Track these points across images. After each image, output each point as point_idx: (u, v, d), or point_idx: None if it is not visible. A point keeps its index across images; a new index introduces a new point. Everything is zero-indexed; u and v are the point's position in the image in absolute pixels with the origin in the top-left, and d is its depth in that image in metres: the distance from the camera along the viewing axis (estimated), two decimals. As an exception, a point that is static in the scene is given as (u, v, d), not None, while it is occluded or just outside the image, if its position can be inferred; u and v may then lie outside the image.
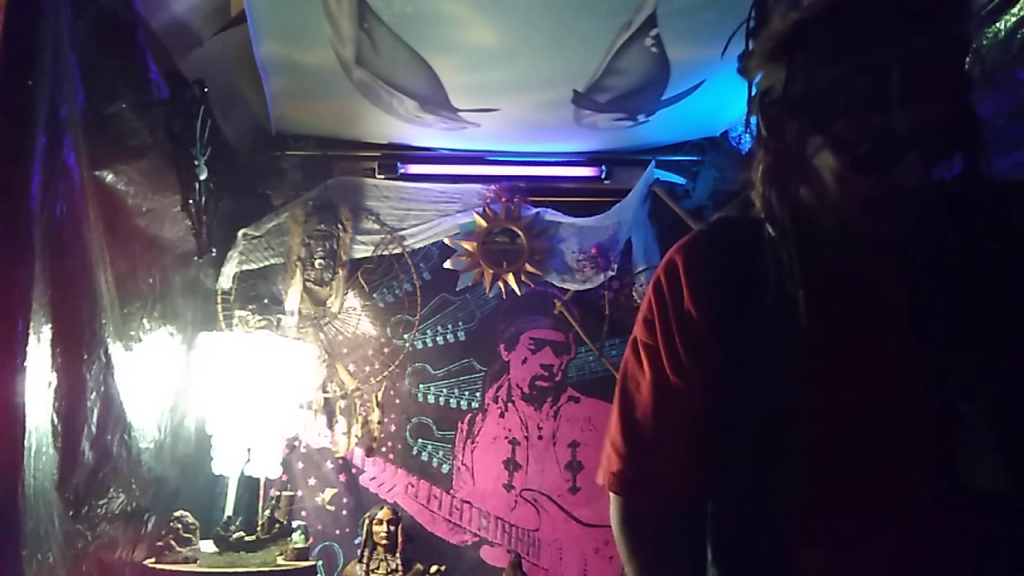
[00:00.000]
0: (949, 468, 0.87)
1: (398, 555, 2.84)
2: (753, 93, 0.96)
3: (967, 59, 0.85)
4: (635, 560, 1.06)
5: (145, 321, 2.28)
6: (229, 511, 2.51)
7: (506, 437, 3.20)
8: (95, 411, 1.93)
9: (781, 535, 0.94)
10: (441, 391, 3.23)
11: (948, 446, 0.88)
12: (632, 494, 1.07)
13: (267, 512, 2.54)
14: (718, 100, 2.72)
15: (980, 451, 0.86)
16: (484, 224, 3.19)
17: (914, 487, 0.90)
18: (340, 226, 3.16)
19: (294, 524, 2.63)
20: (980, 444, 0.86)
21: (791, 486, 0.93)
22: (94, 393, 1.92)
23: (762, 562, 0.97)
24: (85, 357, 1.87)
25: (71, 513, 1.83)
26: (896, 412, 0.91)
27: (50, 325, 1.62)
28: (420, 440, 3.18)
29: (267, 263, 3.14)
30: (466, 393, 3.23)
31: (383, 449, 3.14)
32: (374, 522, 2.87)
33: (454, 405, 3.22)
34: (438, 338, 3.27)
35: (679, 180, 3.21)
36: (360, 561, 2.83)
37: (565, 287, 3.19)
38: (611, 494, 1.09)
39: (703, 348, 1.00)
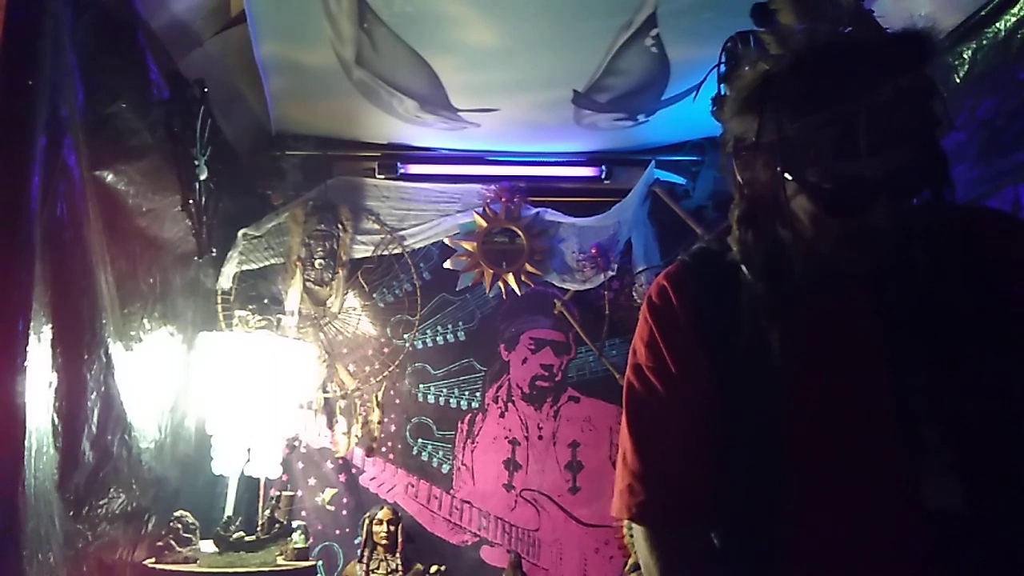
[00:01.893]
0: (913, 488, 0.92)
1: (398, 555, 2.84)
2: (727, 138, 1.00)
3: (933, 101, 0.89)
4: None
5: (145, 321, 2.28)
6: (229, 511, 2.51)
7: (506, 437, 3.20)
8: (95, 411, 1.93)
9: (768, 557, 0.97)
10: (441, 391, 3.23)
11: (912, 467, 0.92)
12: (663, 520, 1.05)
13: (267, 512, 2.54)
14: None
15: (939, 472, 0.91)
16: (484, 224, 3.19)
17: (885, 507, 0.94)
18: (340, 226, 3.16)
19: (294, 524, 2.63)
20: (939, 465, 0.91)
21: (776, 508, 0.96)
22: (94, 393, 1.92)
23: None
24: (85, 357, 1.87)
25: (71, 513, 1.83)
26: (867, 434, 0.95)
27: (50, 325, 1.62)
28: (420, 440, 3.18)
29: (267, 263, 3.14)
30: (466, 393, 3.23)
31: (383, 449, 3.14)
32: (374, 522, 2.87)
33: (454, 405, 3.22)
34: (438, 338, 3.27)
35: (679, 180, 3.21)
36: (360, 561, 2.83)
37: (565, 287, 3.19)
38: (638, 526, 1.07)
39: (700, 366, 1.03)
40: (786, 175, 0.93)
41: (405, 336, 3.21)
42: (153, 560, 2.29)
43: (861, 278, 0.98)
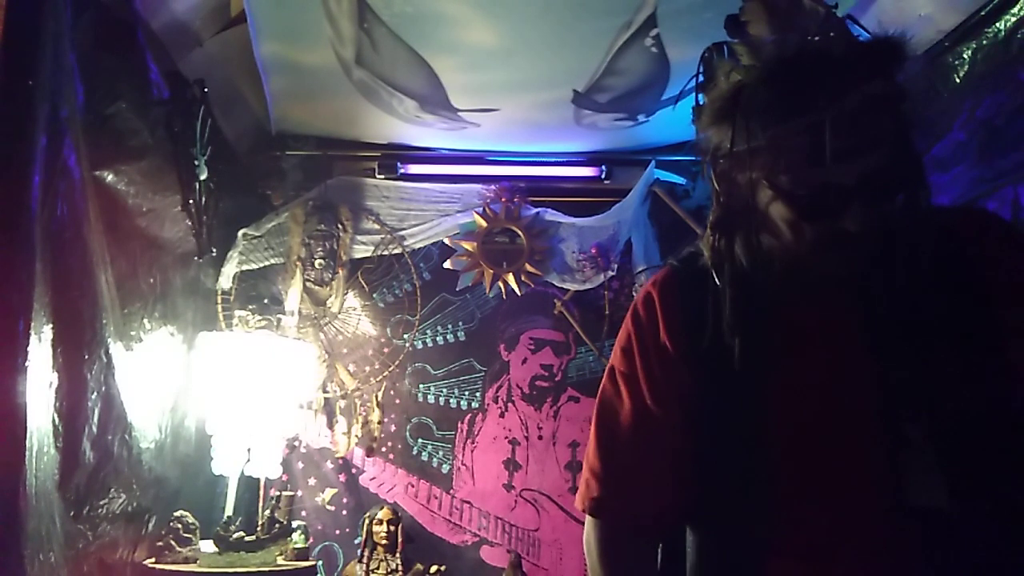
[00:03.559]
0: (898, 487, 0.93)
1: (398, 555, 2.84)
2: (705, 147, 1.02)
3: (905, 106, 0.91)
4: None
5: (145, 321, 2.28)
6: (229, 511, 2.51)
7: (506, 437, 3.19)
8: (96, 411, 1.93)
9: (753, 554, 0.99)
10: (441, 391, 3.23)
11: (896, 466, 0.94)
12: (610, 517, 1.11)
13: (267, 512, 2.54)
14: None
15: (924, 470, 0.92)
16: (484, 224, 3.19)
17: (870, 504, 0.95)
18: (340, 226, 3.16)
19: (294, 524, 2.63)
20: (924, 463, 0.92)
21: (761, 507, 0.98)
22: (95, 393, 1.92)
23: None
24: (86, 357, 1.87)
25: (72, 513, 1.83)
26: (850, 434, 0.97)
27: (51, 325, 1.62)
28: (420, 440, 3.18)
29: (267, 263, 3.13)
30: (466, 393, 3.23)
31: (383, 449, 3.14)
32: (374, 522, 2.87)
33: (454, 405, 3.22)
34: (438, 338, 3.27)
35: (679, 180, 3.21)
36: (360, 561, 2.83)
37: (565, 287, 3.19)
38: (588, 517, 1.13)
39: (677, 378, 1.06)
40: (761, 182, 0.95)
41: (405, 336, 3.21)
42: (153, 560, 2.29)
43: (841, 281, 1.00)
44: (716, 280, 1.02)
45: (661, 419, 1.08)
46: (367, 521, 2.90)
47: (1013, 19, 1.80)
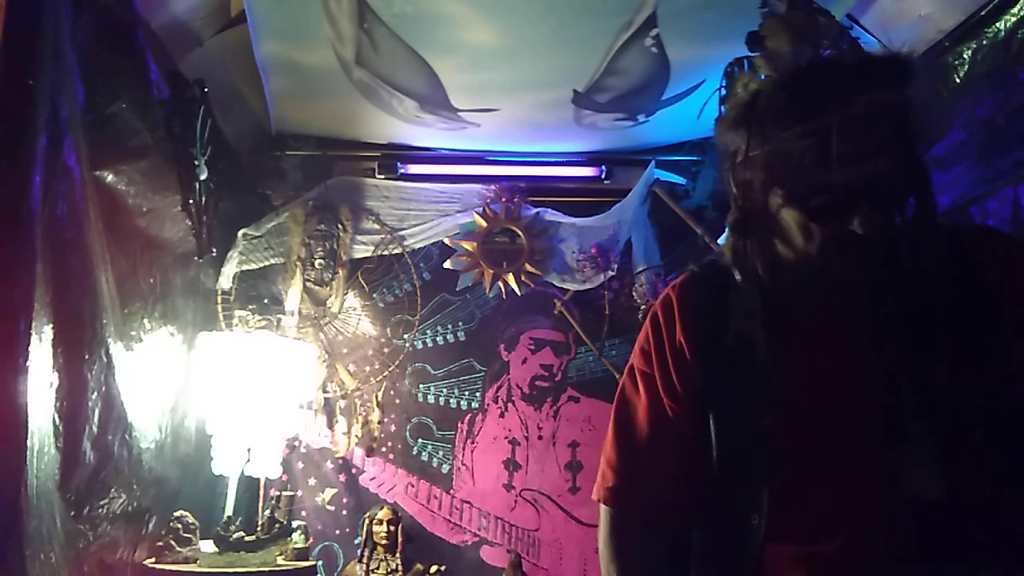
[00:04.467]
0: (897, 479, 0.97)
1: (398, 555, 2.84)
2: (725, 152, 1.07)
3: (910, 116, 0.95)
4: (615, 568, 1.16)
5: (146, 321, 2.28)
6: (229, 511, 2.51)
7: (506, 437, 3.20)
8: (96, 411, 1.93)
9: (752, 541, 1.04)
10: (441, 391, 3.23)
11: (897, 459, 0.98)
12: (623, 507, 1.18)
13: (267, 512, 2.54)
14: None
15: (922, 464, 0.96)
16: (484, 224, 3.19)
17: (869, 495, 0.99)
18: (340, 226, 3.16)
19: (294, 524, 2.63)
20: (923, 457, 0.97)
21: (762, 497, 1.04)
22: (95, 393, 1.92)
23: (738, 566, 1.07)
24: (86, 357, 1.87)
25: (73, 513, 1.83)
26: (854, 428, 1.01)
27: (51, 325, 1.62)
28: (420, 440, 3.18)
29: (267, 263, 3.13)
30: (466, 393, 3.23)
31: (383, 449, 3.14)
32: (374, 522, 2.87)
33: (454, 405, 3.22)
34: (438, 338, 3.27)
35: (679, 180, 3.21)
36: (360, 561, 2.83)
37: (565, 287, 3.20)
38: (602, 507, 1.20)
39: (692, 377, 1.13)
40: (774, 185, 0.99)
41: (405, 336, 3.21)
42: (153, 560, 2.29)
43: (850, 282, 1.03)
44: (738, 276, 1.07)
45: (676, 415, 1.14)
46: (367, 521, 2.90)
47: (1013, 19, 1.80)
